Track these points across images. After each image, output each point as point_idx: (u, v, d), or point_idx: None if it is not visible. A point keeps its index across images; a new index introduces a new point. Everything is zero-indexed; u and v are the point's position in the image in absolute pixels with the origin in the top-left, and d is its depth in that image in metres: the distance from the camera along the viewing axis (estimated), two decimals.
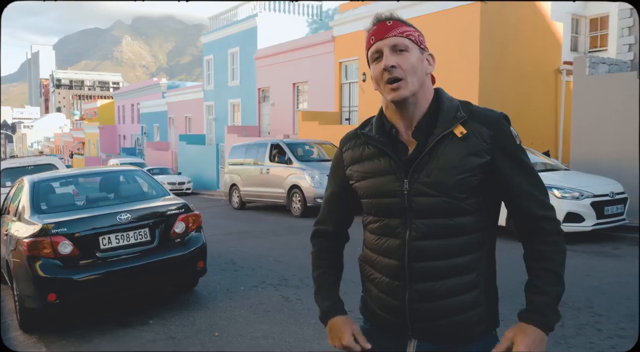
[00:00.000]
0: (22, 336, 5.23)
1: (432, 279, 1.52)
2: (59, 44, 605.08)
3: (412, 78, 1.52)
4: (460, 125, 1.51)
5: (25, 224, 5.27)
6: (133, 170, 6.98)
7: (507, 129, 1.53)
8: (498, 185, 1.53)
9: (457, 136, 1.49)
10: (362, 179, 1.64)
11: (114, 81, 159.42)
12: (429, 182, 1.49)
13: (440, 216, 1.50)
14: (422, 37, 1.62)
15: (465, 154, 1.48)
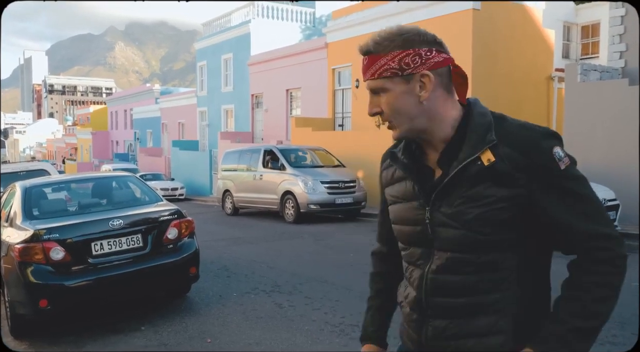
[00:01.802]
0: (12, 342, 5.19)
1: (450, 317, 1.39)
2: (51, 49, 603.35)
3: (399, 119, 1.40)
4: (488, 151, 1.31)
5: (16, 230, 5.24)
6: (125, 176, 6.97)
7: (547, 153, 1.29)
8: (539, 219, 1.32)
9: (484, 164, 1.31)
10: (392, 203, 1.53)
11: (107, 87, 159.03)
12: (449, 212, 1.35)
13: (463, 251, 1.35)
14: (412, 56, 1.34)
15: (490, 185, 1.30)
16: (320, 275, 7.20)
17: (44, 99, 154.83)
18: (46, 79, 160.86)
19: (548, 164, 1.29)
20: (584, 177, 1.33)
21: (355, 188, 13.32)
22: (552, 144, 1.31)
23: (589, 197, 1.31)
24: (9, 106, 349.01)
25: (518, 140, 1.31)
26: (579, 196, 1.30)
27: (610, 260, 1.28)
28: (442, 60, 1.38)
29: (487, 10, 14.51)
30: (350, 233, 11.17)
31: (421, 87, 1.35)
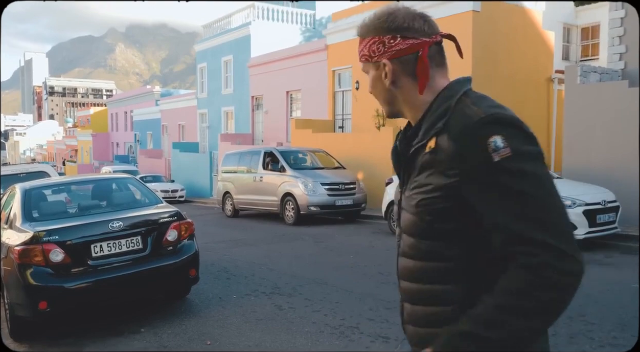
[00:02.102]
0: (12, 344, 5.18)
1: (412, 302, 1.36)
2: (52, 51, 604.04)
3: (379, 101, 1.44)
4: (434, 138, 1.25)
5: (16, 232, 5.24)
6: (125, 178, 6.97)
7: (479, 142, 1.16)
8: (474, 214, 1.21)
9: (427, 151, 1.26)
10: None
11: (107, 89, 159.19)
12: (406, 196, 1.34)
13: (413, 235, 1.33)
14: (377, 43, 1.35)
15: (431, 172, 1.25)
16: (320, 277, 7.19)
17: (44, 100, 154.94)
18: (47, 80, 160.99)
19: (479, 155, 1.16)
20: (529, 172, 1.14)
21: (355, 190, 13.31)
22: (490, 131, 1.17)
23: (528, 195, 1.13)
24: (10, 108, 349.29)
25: (454, 126, 1.22)
26: (513, 193, 1.14)
27: (535, 270, 1.11)
28: (406, 47, 1.34)
29: (487, 12, 14.52)
30: (350, 235, 11.16)
31: (385, 75, 1.37)
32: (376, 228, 11.85)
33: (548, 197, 1.15)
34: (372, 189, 13.96)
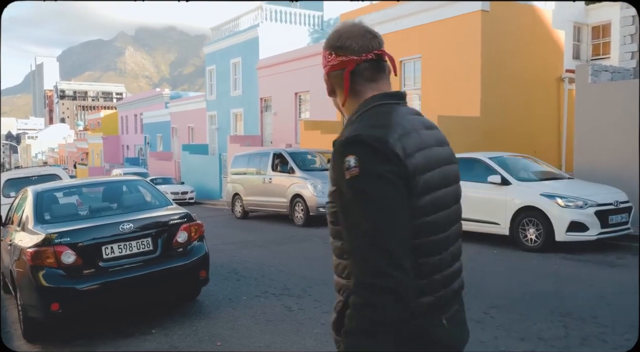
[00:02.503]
0: (25, 345, 5.23)
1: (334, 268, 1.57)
2: (62, 55, 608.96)
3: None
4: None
5: (28, 234, 5.28)
6: (136, 180, 7.00)
7: (340, 159, 1.31)
8: None
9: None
10: None
11: (117, 92, 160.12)
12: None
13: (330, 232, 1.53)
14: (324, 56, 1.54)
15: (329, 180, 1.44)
16: (329, 278, 7.16)
17: (55, 104, 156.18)
18: (57, 84, 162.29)
19: (341, 171, 1.31)
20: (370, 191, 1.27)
21: None
22: (347, 151, 1.31)
23: (362, 213, 1.27)
24: (22, 112, 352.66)
25: (337, 141, 1.38)
26: (351, 211, 1.30)
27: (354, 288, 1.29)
28: (337, 63, 1.50)
29: (495, 11, 14.45)
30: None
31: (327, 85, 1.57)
32: None
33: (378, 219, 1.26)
34: None
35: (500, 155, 10.04)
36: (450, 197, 1.49)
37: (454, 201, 1.51)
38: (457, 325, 1.50)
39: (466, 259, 6.07)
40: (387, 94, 1.50)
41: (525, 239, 8.55)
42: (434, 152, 1.45)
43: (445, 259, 1.45)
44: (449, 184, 1.49)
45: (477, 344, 4.47)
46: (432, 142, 1.47)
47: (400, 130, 1.37)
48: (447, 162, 1.50)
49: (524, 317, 5.12)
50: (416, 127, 1.45)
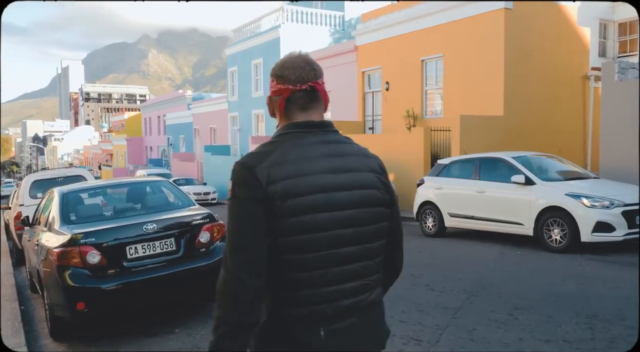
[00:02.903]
0: (52, 344, 5.32)
1: None
2: (87, 58, 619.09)
3: None
4: None
5: (55, 234, 5.38)
6: (159, 181, 7.08)
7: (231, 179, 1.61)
8: None
9: None
10: None
11: (141, 94, 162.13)
12: None
13: None
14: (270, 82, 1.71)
15: None
16: None
17: (80, 106, 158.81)
18: (82, 87, 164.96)
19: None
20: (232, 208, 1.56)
21: None
22: (236, 172, 1.59)
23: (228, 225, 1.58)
24: (48, 114, 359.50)
25: None
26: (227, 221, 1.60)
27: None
28: (275, 90, 1.67)
29: (519, 9, 14.28)
30: None
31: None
32: (407, 230, 11.75)
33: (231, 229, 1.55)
34: (403, 190, 13.85)
35: (524, 154, 9.91)
36: (336, 220, 1.58)
37: (344, 224, 1.60)
38: (345, 337, 1.62)
39: (489, 260, 5.99)
40: (298, 124, 1.65)
41: (549, 240, 8.43)
42: (318, 179, 1.57)
43: (325, 277, 1.58)
44: (338, 209, 1.59)
45: (501, 346, 4.42)
46: (322, 170, 1.59)
47: (275, 159, 1.57)
48: (342, 189, 1.61)
49: (548, 319, 5.04)
50: (305, 156, 1.59)
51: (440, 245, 9.70)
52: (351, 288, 1.63)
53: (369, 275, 1.68)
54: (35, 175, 11.69)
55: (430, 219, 10.70)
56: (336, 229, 1.59)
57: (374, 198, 1.67)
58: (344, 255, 1.61)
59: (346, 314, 1.63)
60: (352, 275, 1.63)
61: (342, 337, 1.62)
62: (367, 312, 1.69)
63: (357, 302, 1.65)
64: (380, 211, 1.69)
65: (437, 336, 4.73)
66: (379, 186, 1.69)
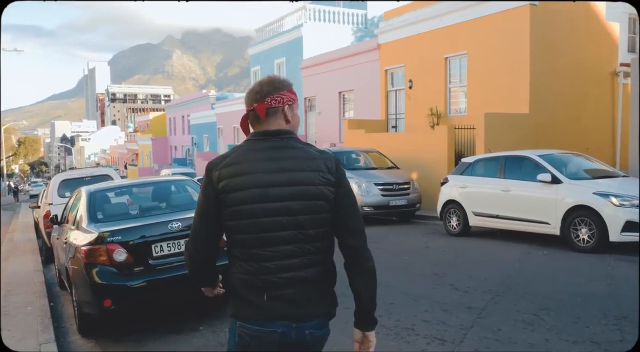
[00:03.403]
0: (80, 340, 5.43)
1: None
2: (113, 59, 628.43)
3: None
4: None
5: (82, 233, 5.48)
6: (184, 180, 7.15)
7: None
8: None
9: None
10: None
11: (165, 94, 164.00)
12: None
13: None
14: None
15: None
16: None
17: (107, 107, 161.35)
18: (109, 88, 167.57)
19: None
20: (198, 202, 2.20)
21: (410, 190, 13.17)
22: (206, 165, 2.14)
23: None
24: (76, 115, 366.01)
25: None
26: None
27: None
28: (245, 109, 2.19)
29: (545, 5, 14.05)
30: (404, 235, 11.05)
31: None
32: (431, 229, 11.68)
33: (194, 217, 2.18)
34: (426, 189, 13.77)
35: (551, 152, 9.75)
36: (271, 210, 1.99)
37: (278, 214, 2.00)
38: (285, 302, 2.03)
39: (514, 260, 5.92)
40: (256, 133, 2.14)
41: (577, 240, 8.28)
42: (254, 177, 2.01)
43: (264, 254, 2.02)
44: (271, 201, 1.99)
45: (527, 346, 4.36)
46: (259, 170, 2.01)
47: (227, 162, 2.06)
48: (277, 185, 2.00)
49: (576, 320, 4.96)
50: (249, 159, 2.05)
51: (464, 244, 9.61)
52: (289, 264, 2.03)
53: (306, 255, 2.05)
54: (63, 174, 11.93)
55: (455, 218, 10.61)
56: (271, 217, 1.99)
57: (310, 193, 2.01)
58: (280, 238, 2.01)
59: (286, 284, 2.03)
60: (290, 254, 2.02)
61: (283, 302, 2.03)
62: (306, 285, 2.07)
63: (295, 276, 2.04)
64: (317, 203, 2.02)
65: (462, 336, 4.69)
66: (317, 183, 2.02)
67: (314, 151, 2.10)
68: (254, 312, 2.04)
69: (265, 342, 2.04)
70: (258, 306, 2.04)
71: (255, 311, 2.04)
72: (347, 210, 2.10)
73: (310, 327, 2.12)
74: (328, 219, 2.07)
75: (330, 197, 2.04)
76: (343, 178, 2.10)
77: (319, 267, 2.13)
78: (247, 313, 2.05)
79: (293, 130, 2.17)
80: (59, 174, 12.27)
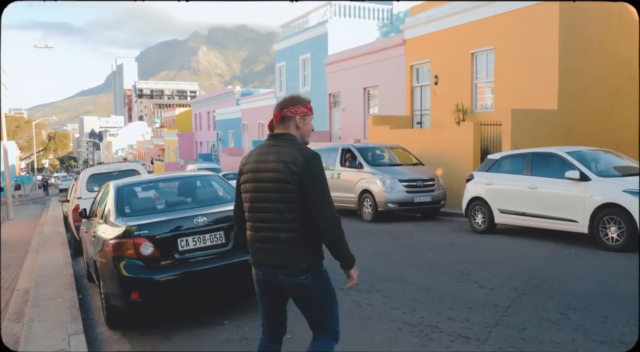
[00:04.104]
0: (107, 331, 5.54)
1: None
2: (140, 56, 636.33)
3: None
4: None
5: (110, 226, 5.58)
6: (209, 176, 7.22)
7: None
8: None
9: None
10: None
11: (191, 90, 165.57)
12: None
13: None
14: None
15: None
16: (398, 274, 7.13)
17: (134, 103, 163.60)
18: (136, 84, 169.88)
19: None
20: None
21: (435, 186, 13.07)
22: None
23: None
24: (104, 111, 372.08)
25: None
26: None
27: None
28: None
29: None
30: (429, 232, 10.98)
31: None
32: (456, 226, 11.58)
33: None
34: (451, 186, 13.64)
35: (579, 149, 9.57)
36: (257, 188, 2.98)
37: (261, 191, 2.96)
38: (266, 253, 2.99)
39: (541, 258, 5.85)
40: (268, 134, 3.12)
41: (606, 238, 8.12)
42: (253, 166, 3.02)
43: (254, 217, 3.01)
44: (258, 182, 2.98)
45: (553, 346, 4.30)
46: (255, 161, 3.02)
47: (247, 154, 3.13)
48: (262, 171, 2.96)
49: (604, 320, 4.87)
50: (255, 153, 3.06)
51: (489, 242, 9.51)
52: (268, 227, 2.94)
53: (279, 222, 2.90)
54: (91, 169, 12.14)
55: (480, 215, 10.50)
56: (257, 192, 2.97)
57: (279, 178, 2.88)
58: (263, 208, 2.95)
59: (266, 241, 2.97)
60: (268, 220, 2.94)
61: (263, 253, 3.00)
62: (279, 243, 2.93)
63: (272, 237, 2.93)
64: (283, 186, 2.87)
65: (486, 334, 4.65)
66: (285, 172, 2.85)
67: (294, 150, 2.90)
68: (251, 260, 3.12)
69: (258, 282, 3.14)
70: (252, 255, 3.10)
71: (251, 259, 3.11)
72: (310, 190, 2.85)
73: (281, 274, 2.96)
74: (294, 198, 2.86)
75: (295, 182, 2.84)
76: (307, 169, 2.85)
77: (292, 232, 2.90)
78: (250, 261, 3.15)
79: (300, 136, 3.04)
80: (88, 168, 12.48)
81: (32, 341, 4.88)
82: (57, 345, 4.74)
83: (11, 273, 8.88)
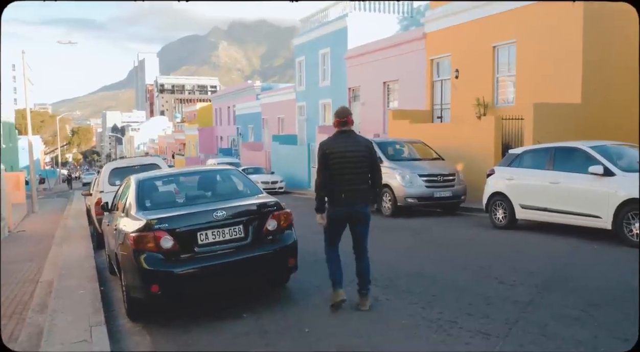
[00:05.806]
0: (128, 323, 5.62)
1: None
2: (161, 51, 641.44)
3: None
4: None
5: (131, 220, 5.65)
6: (229, 170, 7.26)
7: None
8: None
9: None
10: None
11: (212, 85, 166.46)
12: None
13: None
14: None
15: None
16: (417, 269, 7.10)
17: (155, 98, 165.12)
18: (157, 79, 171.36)
19: None
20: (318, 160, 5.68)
21: (455, 181, 12.97)
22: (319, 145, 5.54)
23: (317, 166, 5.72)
24: (126, 106, 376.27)
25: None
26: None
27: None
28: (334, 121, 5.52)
29: None
30: (448, 227, 10.91)
31: None
32: (476, 221, 11.48)
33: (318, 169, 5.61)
34: (472, 181, 13.52)
35: (603, 144, 9.40)
36: (347, 162, 5.29)
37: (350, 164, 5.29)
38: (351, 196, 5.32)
39: (563, 254, 5.77)
40: (340, 131, 5.43)
41: (630, 234, 7.97)
42: (340, 147, 5.31)
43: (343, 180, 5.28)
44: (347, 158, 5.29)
45: (574, 344, 4.24)
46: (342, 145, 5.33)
47: (329, 141, 5.40)
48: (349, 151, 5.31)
49: (627, 317, 4.78)
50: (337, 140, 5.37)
51: (510, 237, 9.41)
52: (354, 184, 5.32)
53: (361, 183, 5.37)
54: (113, 163, 12.29)
55: (501, 210, 10.39)
56: (346, 165, 5.27)
57: (362, 156, 5.34)
58: (350, 174, 5.29)
59: (352, 190, 5.30)
60: (354, 181, 5.31)
61: (351, 196, 5.31)
62: (361, 191, 5.37)
63: (356, 188, 5.32)
64: (362, 160, 5.35)
65: (506, 331, 4.61)
66: (364, 152, 5.37)
67: (361, 139, 5.50)
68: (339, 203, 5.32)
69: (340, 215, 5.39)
70: (339, 200, 5.30)
71: (338, 202, 5.32)
72: (372, 166, 5.44)
73: (359, 207, 5.37)
74: (367, 166, 5.39)
75: (367, 156, 5.38)
76: (373, 152, 5.47)
77: (364, 185, 5.39)
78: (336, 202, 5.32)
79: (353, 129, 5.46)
80: (110, 162, 12.64)
81: (55, 332, 4.97)
82: (79, 336, 4.82)
83: (36, 265, 9.05)
